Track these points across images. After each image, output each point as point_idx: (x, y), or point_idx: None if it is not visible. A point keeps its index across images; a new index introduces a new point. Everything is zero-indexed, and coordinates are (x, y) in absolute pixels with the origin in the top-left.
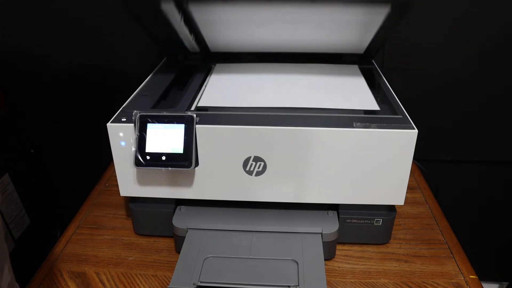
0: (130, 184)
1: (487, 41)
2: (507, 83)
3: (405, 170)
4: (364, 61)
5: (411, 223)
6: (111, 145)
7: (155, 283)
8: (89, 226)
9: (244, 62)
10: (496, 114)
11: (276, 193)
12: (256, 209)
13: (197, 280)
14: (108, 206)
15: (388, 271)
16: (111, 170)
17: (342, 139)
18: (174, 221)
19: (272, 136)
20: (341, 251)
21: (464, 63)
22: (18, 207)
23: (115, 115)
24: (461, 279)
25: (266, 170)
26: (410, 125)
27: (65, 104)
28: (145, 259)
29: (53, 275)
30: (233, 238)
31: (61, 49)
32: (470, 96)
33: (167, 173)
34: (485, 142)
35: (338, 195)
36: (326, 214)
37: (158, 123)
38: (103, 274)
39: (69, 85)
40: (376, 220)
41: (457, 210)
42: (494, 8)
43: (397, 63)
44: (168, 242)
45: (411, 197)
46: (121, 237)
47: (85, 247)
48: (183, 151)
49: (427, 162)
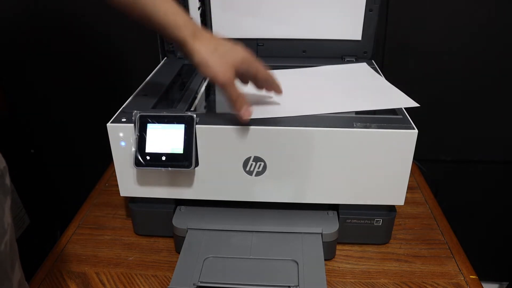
0: (130, 184)
1: (487, 41)
2: (507, 83)
3: (405, 170)
4: (364, 61)
5: (411, 223)
6: (111, 145)
7: (155, 283)
8: (89, 226)
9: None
10: (496, 114)
11: (276, 193)
12: (256, 209)
13: (197, 280)
14: (108, 206)
15: (388, 271)
16: (111, 170)
17: (342, 139)
18: (174, 221)
19: (272, 136)
20: (341, 251)
21: (464, 63)
22: (18, 207)
23: (115, 115)
24: (461, 279)
25: (266, 170)
26: (410, 125)
27: (65, 104)
28: (145, 259)
29: (53, 275)
30: (233, 238)
31: (61, 49)
32: (470, 96)
33: (167, 173)
34: (485, 142)
35: (338, 195)
36: (326, 214)
37: (158, 123)
38: (103, 274)
39: (69, 85)
40: (376, 220)
41: (457, 210)
42: (495, 8)
43: (397, 63)
44: (168, 242)
45: (411, 197)
46: (121, 237)
47: (85, 247)
48: (183, 151)
49: (427, 162)
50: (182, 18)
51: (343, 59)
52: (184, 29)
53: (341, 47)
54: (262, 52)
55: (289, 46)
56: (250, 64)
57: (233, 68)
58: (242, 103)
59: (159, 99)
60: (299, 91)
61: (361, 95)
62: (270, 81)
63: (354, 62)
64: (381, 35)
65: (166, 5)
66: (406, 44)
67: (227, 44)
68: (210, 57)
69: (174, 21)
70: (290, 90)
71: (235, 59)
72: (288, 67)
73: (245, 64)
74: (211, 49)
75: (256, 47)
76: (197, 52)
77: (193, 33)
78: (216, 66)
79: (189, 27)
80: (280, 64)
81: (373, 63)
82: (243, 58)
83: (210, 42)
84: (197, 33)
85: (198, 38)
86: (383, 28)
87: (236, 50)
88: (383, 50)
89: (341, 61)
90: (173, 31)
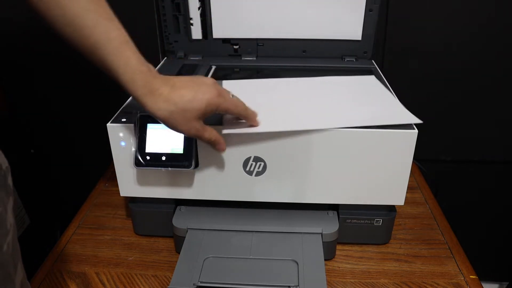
0: (130, 184)
1: (488, 41)
2: (507, 83)
3: (405, 170)
4: (364, 61)
5: (411, 223)
6: (111, 145)
7: (155, 283)
8: (89, 226)
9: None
10: (497, 114)
11: (276, 193)
12: (256, 209)
13: (197, 280)
14: (108, 206)
15: (388, 271)
16: (111, 170)
17: (342, 139)
18: (174, 221)
19: (272, 136)
20: (341, 251)
21: (464, 63)
22: (18, 207)
23: (115, 116)
24: (461, 279)
25: (266, 170)
26: (410, 125)
27: (66, 104)
28: (145, 259)
29: (53, 275)
30: (233, 238)
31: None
32: (470, 96)
33: (167, 173)
34: (485, 142)
35: (338, 195)
36: (326, 214)
37: (158, 123)
38: (103, 274)
39: (70, 85)
40: (376, 220)
41: (457, 210)
42: (495, 8)
43: (397, 63)
44: (168, 242)
45: (411, 197)
46: (121, 237)
47: (85, 247)
48: (183, 151)
49: (427, 162)
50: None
51: (343, 59)
52: (142, 89)
53: (341, 47)
54: (262, 52)
55: (289, 46)
56: (217, 106)
57: (197, 120)
58: (219, 142)
59: None
60: (299, 103)
61: (365, 111)
62: (243, 116)
63: (354, 62)
64: (381, 35)
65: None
66: (406, 44)
67: (186, 95)
68: (169, 118)
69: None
70: (290, 102)
71: (198, 111)
72: (288, 67)
73: (210, 108)
74: (170, 109)
75: (256, 47)
76: (156, 113)
77: (150, 91)
78: (178, 125)
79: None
80: (280, 64)
81: (373, 63)
82: (206, 106)
83: (167, 100)
84: (154, 92)
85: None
86: (383, 28)
87: (197, 100)
88: (383, 50)
89: (341, 61)
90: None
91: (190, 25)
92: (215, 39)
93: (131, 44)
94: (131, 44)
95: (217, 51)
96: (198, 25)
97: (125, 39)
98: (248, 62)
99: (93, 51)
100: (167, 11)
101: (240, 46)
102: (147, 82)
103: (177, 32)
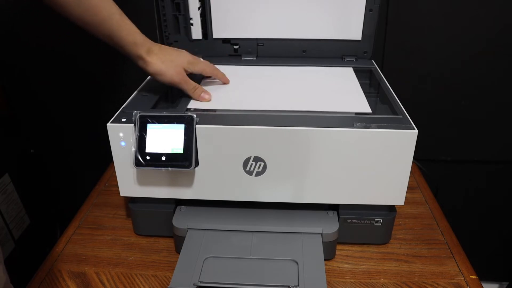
0: (130, 184)
1: (488, 41)
2: (507, 83)
3: (405, 170)
4: (364, 61)
5: (411, 223)
6: (111, 145)
7: (155, 283)
8: (89, 226)
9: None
10: (497, 114)
11: (276, 193)
12: (256, 209)
13: (197, 280)
14: (108, 206)
15: (388, 271)
16: (111, 170)
17: (342, 139)
18: (174, 221)
19: (272, 136)
20: (341, 251)
21: (464, 63)
22: (18, 207)
23: (115, 115)
24: (461, 279)
25: (266, 170)
26: (410, 125)
27: (65, 104)
28: (145, 259)
29: (53, 275)
30: (233, 238)
31: (61, 49)
32: (470, 96)
33: (167, 173)
34: (485, 142)
35: (338, 195)
36: (326, 214)
37: (158, 123)
38: (103, 274)
39: (70, 85)
40: (376, 220)
41: (457, 210)
42: (495, 8)
43: (397, 63)
44: (168, 242)
45: (411, 197)
46: (121, 237)
47: (85, 247)
48: (183, 151)
49: (427, 162)
50: (140, 38)
51: (343, 59)
52: (141, 47)
53: (341, 47)
54: (262, 52)
55: (289, 46)
56: (196, 64)
57: (183, 69)
58: (199, 91)
59: (159, 99)
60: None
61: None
62: (215, 74)
63: (354, 62)
64: (381, 35)
65: (127, 27)
66: (406, 44)
67: (173, 52)
68: (163, 66)
69: (133, 40)
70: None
71: (182, 62)
72: (288, 67)
73: (191, 65)
74: (162, 60)
75: (256, 47)
76: (153, 64)
77: (147, 49)
78: (169, 71)
79: (145, 45)
80: (280, 64)
81: (373, 63)
82: (188, 61)
83: (160, 54)
84: (150, 49)
85: (151, 52)
86: (383, 28)
87: (181, 55)
88: (383, 50)
89: (341, 61)
90: (132, 48)
91: (190, 25)
92: (215, 39)
93: (124, 15)
94: (125, 15)
95: (217, 51)
96: (198, 25)
97: (120, 11)
98: (248, 62)
99: (101, 24)
100: (167, 11)
101: (240, 46)
102: (144, 41)
103: (177, 32)
